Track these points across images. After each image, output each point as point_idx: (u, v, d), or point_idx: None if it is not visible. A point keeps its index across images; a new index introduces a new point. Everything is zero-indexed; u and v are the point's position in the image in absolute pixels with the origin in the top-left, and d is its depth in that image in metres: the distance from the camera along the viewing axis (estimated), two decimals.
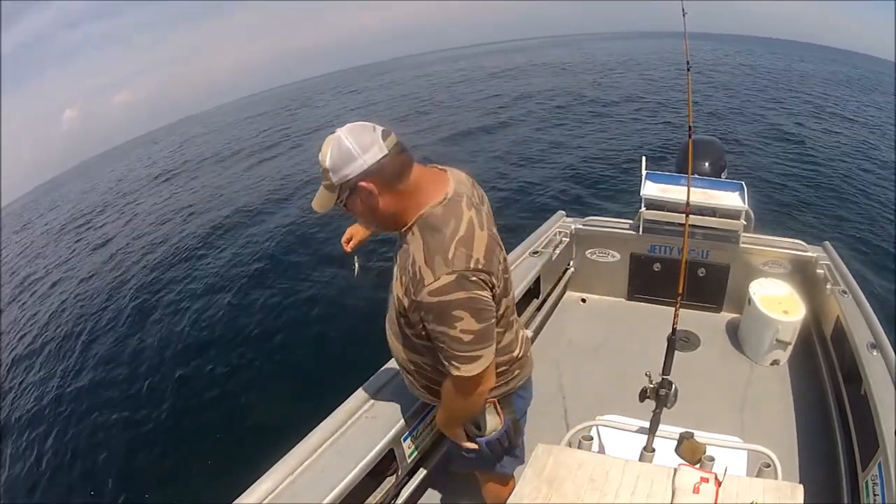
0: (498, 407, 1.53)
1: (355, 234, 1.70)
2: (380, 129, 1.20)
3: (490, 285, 1.23)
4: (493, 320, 1.26)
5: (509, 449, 1.62)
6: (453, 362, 1.25)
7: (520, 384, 1.58)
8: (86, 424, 4.80)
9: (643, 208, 3.32)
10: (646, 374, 1.70)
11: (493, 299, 1.25)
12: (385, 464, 1.93)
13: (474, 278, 1.18)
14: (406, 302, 1.28)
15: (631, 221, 3.52)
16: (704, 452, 1.47)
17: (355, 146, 1.17)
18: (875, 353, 2.25)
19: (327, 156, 1.18)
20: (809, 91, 19.96)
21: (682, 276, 1.96)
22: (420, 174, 1.26)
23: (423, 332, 1.30)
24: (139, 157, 31.54)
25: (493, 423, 1.53)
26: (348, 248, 1.69)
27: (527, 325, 3.09)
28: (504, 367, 1.49)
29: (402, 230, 1.28)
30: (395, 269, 1.34)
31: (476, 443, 1.54)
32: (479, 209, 1.30)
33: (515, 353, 1.52)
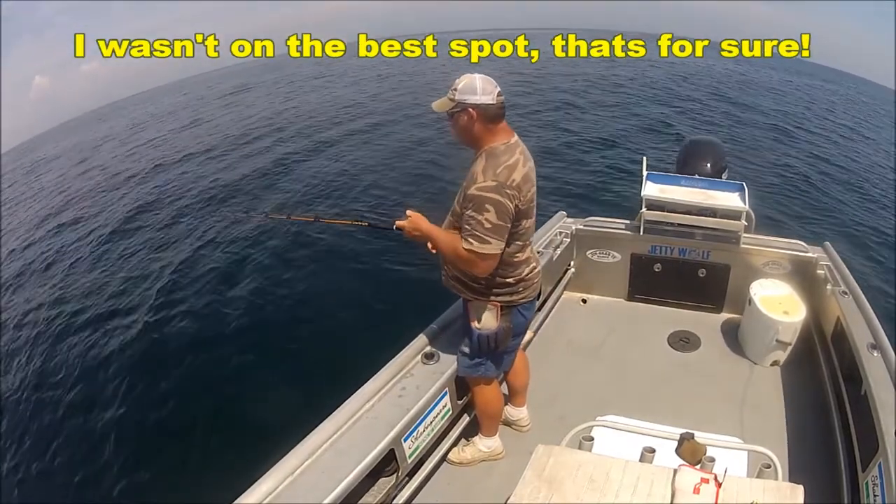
0: (499, 312, 1.94)
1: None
2: (498, 89, 1.77)
3: (516, 199, 1.73)
4: (509, 224, 1.74)
5: (494, 353, 2.04)
6: (470, 238, 1.72)
7: (522, 301, 1.98)
8: (83, 424, 4.79)
9: (644, 209, 3.32)
10: None
11: (516, 211, 1.75)
12: (385, 464, 1.93)
13: (507, 190, 1.70)
14: (460, 199, 1.79)
15: (631, 222, 3.52)
16: (705, 453, 1.47)
17: (479, 86, 1.74)
18: (875, 354, 2.25)
19: (462, 82, 1.75)
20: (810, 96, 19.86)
21: None
22: (502, 126, 1.82)
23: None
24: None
25: (490, 322, 1.95)
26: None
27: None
28: (511, 281, 1.92)
29: (475, 153, 1.82)
30: (462, 185, 1.82)
31: (470, 333, 2.00)
32: (527, 156, 1.84)
33: (524, 275, 1.94)
